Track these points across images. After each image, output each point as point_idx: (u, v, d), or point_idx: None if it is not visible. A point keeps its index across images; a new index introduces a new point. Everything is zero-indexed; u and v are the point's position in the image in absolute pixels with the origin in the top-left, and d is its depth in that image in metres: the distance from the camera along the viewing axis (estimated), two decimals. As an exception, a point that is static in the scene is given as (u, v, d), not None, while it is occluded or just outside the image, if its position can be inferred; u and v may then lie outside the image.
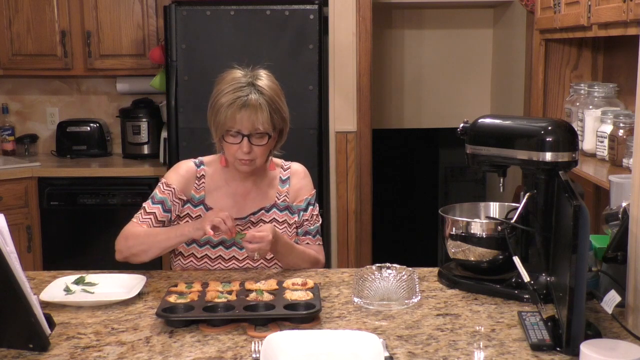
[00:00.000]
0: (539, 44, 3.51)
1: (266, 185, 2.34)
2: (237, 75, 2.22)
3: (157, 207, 2.26)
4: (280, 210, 2.33)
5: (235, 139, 2.18)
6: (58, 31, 4.32)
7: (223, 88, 2.19)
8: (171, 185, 2.28)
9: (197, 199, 2.30)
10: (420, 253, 5.77)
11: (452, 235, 2.05)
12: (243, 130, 2.17)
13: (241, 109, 2.15)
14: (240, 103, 2.15)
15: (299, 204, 2.35)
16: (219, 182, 2.32)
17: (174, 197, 2.27)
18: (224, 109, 2.16)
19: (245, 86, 2.17)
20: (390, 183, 6.16)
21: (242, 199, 2.32)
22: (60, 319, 1.83)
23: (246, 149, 2.18)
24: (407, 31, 5.17)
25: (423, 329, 1.76)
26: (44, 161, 4.44)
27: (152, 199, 2.28)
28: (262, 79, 2.22)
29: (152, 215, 2.25)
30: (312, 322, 1.79)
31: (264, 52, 3.77)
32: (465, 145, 2.08)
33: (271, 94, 2.19)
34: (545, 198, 1.93)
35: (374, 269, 2.00)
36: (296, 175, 2.38)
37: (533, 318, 1.75)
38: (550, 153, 1.89)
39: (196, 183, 2.31)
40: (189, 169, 2.33)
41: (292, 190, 2.35)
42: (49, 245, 4.20)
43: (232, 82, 2.19)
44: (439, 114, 5.27)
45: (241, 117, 2.15)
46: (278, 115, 2.21)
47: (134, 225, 2.25)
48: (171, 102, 3.82)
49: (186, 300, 1.86)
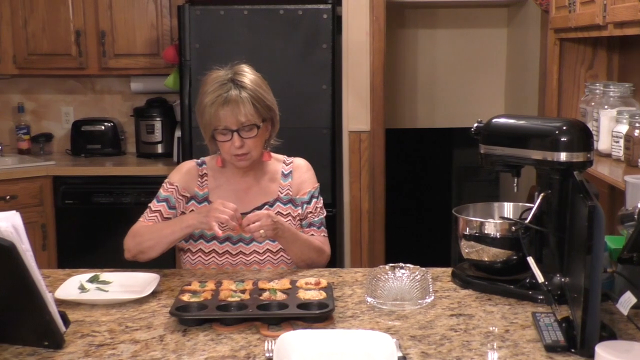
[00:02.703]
0: (553, 44, 3.49)
1: (267, 179, 2.36)
2: (218, 74, 2.25)
3: (162, 205, 2.30)
4: (283, 203, 2.34)
5: (226, 136, 2.21)
6: (73, 31, 4.34)
7: (206, 89, 2.23)
8: (174, 183, 2.33)
9: (201, 195, 2.33)
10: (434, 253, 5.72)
11: (465, 235, 2.04)
12: (230, 125, 2.19)
13: (223, 106, 2.18)
14: (221, 100, 2.18)
15: (302, 197, 2.35)
16: (220, 181, 2.35)
17: (177, 194, 2.31)
18: (207, 108, 2.20)
19: (226, 83, 2.21)
20: (404, 183, 6.15)
21: (245, 194, 2.34)
22: (74, 317, 1.84)
23: (238, 144, 2.20)
24: (420, 31, 5.16)
25: (436, 329, 1.75)
26: (58, 160, 4.46)
27: (157, 198, 2.33)
28: (242, 73, 2.25)
29: (158, 212, 2.29)
30: (325, 322, 1.79)
31: (277, 52, 3.78)
32: (479, 145, 2.07)
33: (252, 86, 2.21)
34: (559, 198, 1.92)
35: (387, 268, 2.00)
36: (299, 169, 2.39)
37: (547, 319, 1.74)
38: (564, 153, 1.88)
39: (199, 181, 2.34)
40: (190, 168, 2.37)
41: (295, 183, 2.37)
42: (64, 243, 4.22)
43: (214, 81, 2.23)
44: (452, 113, 5.25)
45: (225, 114, 2.18)
46: (262, 105, 2.23)
47: (141, 224, 2.28)
48: (185, 101, 3.83)
49: (200, 299, 1.87)
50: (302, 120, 3.78)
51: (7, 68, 4.40)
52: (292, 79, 3.77)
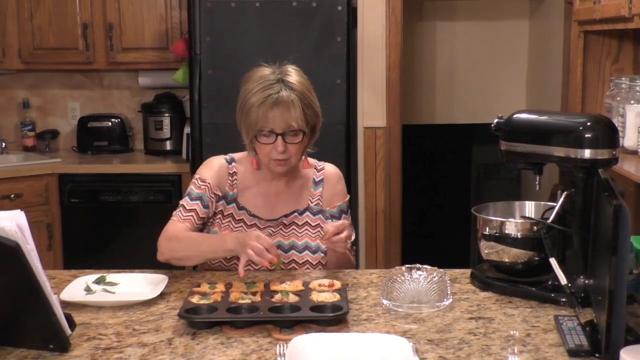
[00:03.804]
0: (577, 36, 3.47)
1: (299, 186, 2.34)
2: (265, 73, 2.21)
3: (197, 204, 2.26)
4: (313, 213, 2.33)
5: (269, 139, 2.17)
6: (80, 24, 4.37)
7: (252, 87, 2.18)
8: (206, 180, 2.28)
9: (231, 196, 2.30)
10: (452, 254, 5.72)
11: (485, 235, 2.04)
12: (276, 128, 2.15)
13: (273, 107, 2.13)
14: (271, 101, 2.13)
15: (331, 210, 2.35)
16: (250, 182, 2.32)
17: (210, 192, 2.28)
18: (255, 108, 2.14)
19: (275, 83, 2.16)
20: (421, 181, 6.14)
21: (275, 199, 2.32)
22: (80, 319, 1.84)
23: (281, 148, 2.16)
24: (438, 23, 5.14)
25: (455, 333, 1.75)
26: (64, 157, 4.49)
27: (190, 196, 2.28)
28: (291, 74, 2.21)
29: (193, 212, 2.25)
30: (339, 325, 1.78)
31: (291, 45, 3.78)
32: (500, 141, 2.07)
33: (302, 89, 2.18)
34: (583, 197, 1.91)
35: (403, 270, 2.00)
36: (330, 180, 2.38)
37: (570, 322, 1.73)
38: (589, 150, 1.87)
39: (229, 180, 2.31)
40: (221, 165, 2.33)
41: (326, 195, 2.35)
42: (70, 243, 4.25)
43: (261, 80, 2.18)
44: (472, 109, 5.24)
45: (274, 116, 2.14)
46: (311, 111, 2.20)
47: (176, 224, 2.24)
48: (194, 96, 3.84)
49: (209, 301, 1.87)
50: (316, 116, 3.77)
51: (13, 63, 4.44)
52: (305, 73, 3.75)
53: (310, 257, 2.30)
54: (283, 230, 2.30)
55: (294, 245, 2.30)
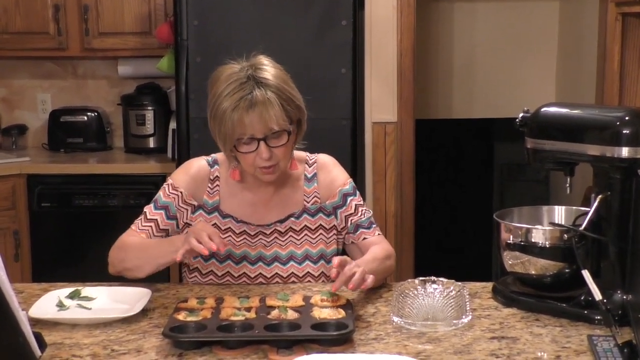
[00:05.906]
0: (614, 19, 3.47)
1: (289, 188, 2.34)
2: (233, 71, 2.16)
3: (160, 213, 2.27)
4: (311, 215, 2.33)
5: (250, 146, 2.15)
6: (51, 5, 4.37)
7: (221, 90, 2.14)
8: (178, 188, 2.29)
9: (211, 204, 2.30)
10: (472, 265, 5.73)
11: (509, 244, 2.04)
12: (256, 134, 2.12)
13: (248, 110, 2.10)
14: (245, 104, 2.10)
15: (332, 200, 2.34)
16: (235, 188, 2.31)
17: (180, 201, 2.28)
18: (228, 114, 2.11)
19: (245, 82, 2.13)
20: (436, 182, 6.15)
21: (264, 206, 2.31)
22: (52, 339, 1.85)
23: (265, 155, 2.14)
24: (456, 4, 5.15)
25: (474, 355, 1.75)
26: (34, 156, 4.50)
27: (155, 203, 2.29)
28: (262, 68, 2.17)
29: (154, 222, 2.27)
30: (344, 345, 1.79)
31: (289, 30, 3.78)
32: (525, 138, 2.07)
33: (277, 84, 2.14)
34: (620, 201, 1.91)
35: (416, 283, 2.01)
36: (324, 169, 2.37)
37: (606, 343, 1.73)
38: (627, 148, 1.87)
39: (209, 186, 2.31)
40: (200, 169, 2.32)
41: (322, 186, 2.35)
42: (40, 253, 4.25)
43: (230, 80, 2.14)
44: (494, 101, 5.25)
45: (251, 120, 2.10)
46: (292, 106, 2.17)
47: (131, 234, 2.26)
48: (181, 87, 3.84)
49: (198, 318, 1.87)
50: (318, 110, 3.72)
51: (-26, 49, 4.44)
52: (306, 62, 3.77)
53: (311, 268, 2.30)
54: (279, 239, 2.31)
55: (292, 256, 2.30)
